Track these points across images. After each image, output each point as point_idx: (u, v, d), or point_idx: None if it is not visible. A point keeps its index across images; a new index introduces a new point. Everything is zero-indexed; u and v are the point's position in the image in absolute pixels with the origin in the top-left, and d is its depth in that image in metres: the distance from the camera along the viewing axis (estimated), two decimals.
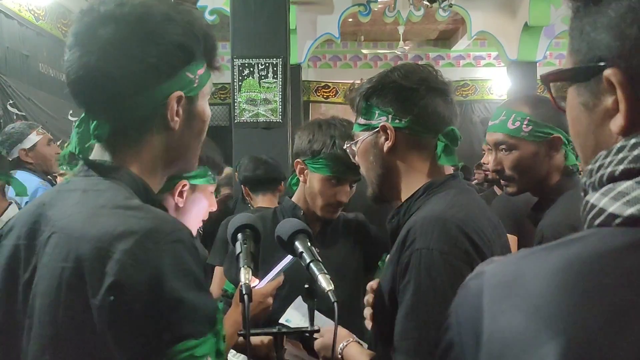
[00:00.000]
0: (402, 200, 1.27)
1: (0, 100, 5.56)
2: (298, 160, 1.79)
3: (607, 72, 0.54)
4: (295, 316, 1.48)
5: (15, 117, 5.60)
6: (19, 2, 6.18)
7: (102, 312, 0.76)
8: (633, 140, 0.53)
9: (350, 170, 1.66)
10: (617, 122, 0.54)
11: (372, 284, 1.29)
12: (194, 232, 1.38)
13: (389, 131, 1.23)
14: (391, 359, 1.11)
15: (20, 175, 2.97)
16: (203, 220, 1.46)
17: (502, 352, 0.50)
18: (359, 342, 1.36)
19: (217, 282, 2.58)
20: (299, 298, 1.56)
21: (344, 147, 1.42)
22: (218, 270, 2.68)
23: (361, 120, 1.29)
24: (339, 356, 1.30)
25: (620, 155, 0.53)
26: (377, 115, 1.25)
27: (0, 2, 5.73)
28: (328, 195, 1.74)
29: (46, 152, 3.16)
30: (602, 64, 0.54)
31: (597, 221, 0.53)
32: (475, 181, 5.57)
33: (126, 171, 0.90)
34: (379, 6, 7.82)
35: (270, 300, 1.30)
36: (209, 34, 0.95)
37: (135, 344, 0.77)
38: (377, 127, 1.24)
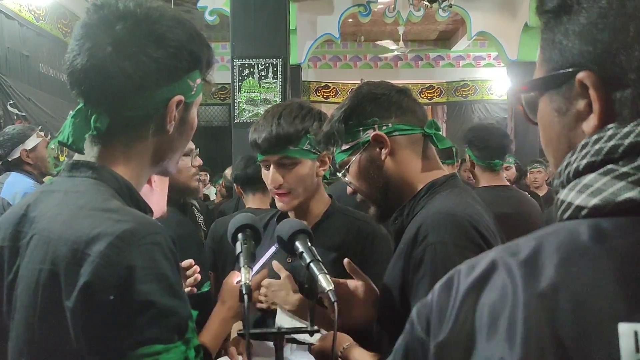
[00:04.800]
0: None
1: (1, 101, 5.57)
2: None
3: (581, 75, 0.56)
4: (285, 321, 1.46)
5: (15, 117, 5.61)
6: (20, 2, 6.20)
7: (75, 314, 0.76)
8: (595, 136, 0.55)
9: (264, 150, 1.56)
10: (590, 123, 0.57)
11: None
12: (164, 207, 1.42)
13: (382, 139, 1.25)
14: None
15: (13, 177, 3.01)
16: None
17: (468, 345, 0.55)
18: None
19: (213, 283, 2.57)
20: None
21: (342, 179, 1.38)
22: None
23: (345, 146, 1.30)
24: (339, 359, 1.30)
25: (584, 151, 0.56)
26: (361, 132, 1.28)
27: (0, 2, 5.74)
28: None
29: (45, 154, 3.23)
30: (574, 68, 0.57)
31: (566, 215, 0.56)
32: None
33: (109, 171, 0.89)
34: (379, 6, 7.83)
35: (256, 294, 1.30)
36: (210, 48, 0.97)
37: (104, 346, 0.76)
38: (367, 141, 1.26)
